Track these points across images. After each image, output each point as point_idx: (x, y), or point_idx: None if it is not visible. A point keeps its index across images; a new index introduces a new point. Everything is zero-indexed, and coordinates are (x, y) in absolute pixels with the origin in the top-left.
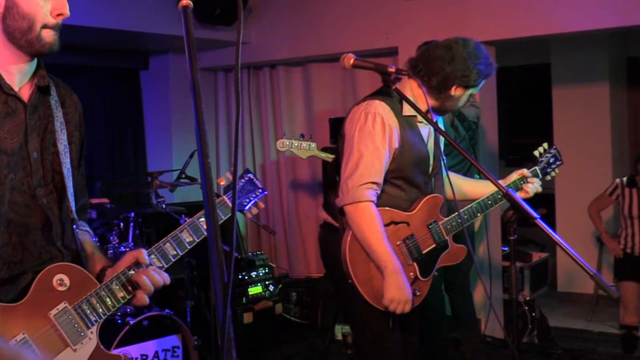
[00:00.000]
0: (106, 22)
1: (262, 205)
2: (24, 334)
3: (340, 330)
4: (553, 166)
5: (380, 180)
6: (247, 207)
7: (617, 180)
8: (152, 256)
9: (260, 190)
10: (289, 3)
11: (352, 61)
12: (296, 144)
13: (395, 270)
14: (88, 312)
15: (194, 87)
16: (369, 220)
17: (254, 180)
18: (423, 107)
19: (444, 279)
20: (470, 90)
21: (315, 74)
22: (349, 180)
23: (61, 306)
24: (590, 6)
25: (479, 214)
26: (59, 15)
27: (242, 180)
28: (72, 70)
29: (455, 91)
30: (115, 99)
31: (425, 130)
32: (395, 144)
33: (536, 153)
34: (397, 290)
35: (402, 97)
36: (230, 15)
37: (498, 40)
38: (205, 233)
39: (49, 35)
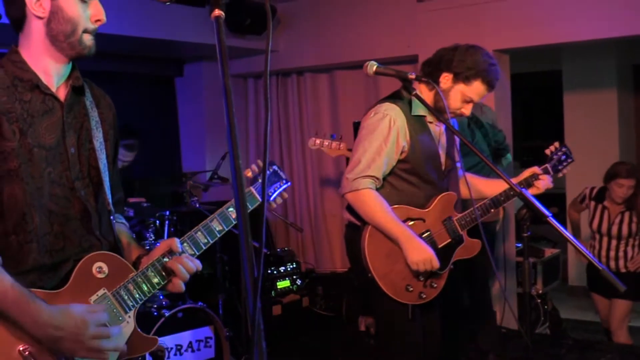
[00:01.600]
0: (144, 31)
1: (285, 195)
2: None
3: (363, 322)
4: (564, 164)
5: (379, 175)
6: (272, 198)
7: (587, 190)
8: (185, 244)
9: (284, 181)
10: (315, 14)
11: (374, 68)
12: (327, 143)
13: (408, 236)
14: (126, 297)
15: (225, 93)
16: (370, 202)
17: (278, 171)
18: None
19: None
20: (461, 87)
21: (340, 80)
22: (350, 173)
23: (100, 292)
24: (599, 16)
25: (492, 210)
26: (97, 21)
27: (268, 172)
28: (112, 76)
29: (444, 80)
30: (152, 104)
31: (437, 129)
32: (402, 142)
33: (547, 151)
34: (416, 252)
35: (421, 101)
36: (260, 25)
37: (512, 49)
38: (234, 222)
39: (88, 39)
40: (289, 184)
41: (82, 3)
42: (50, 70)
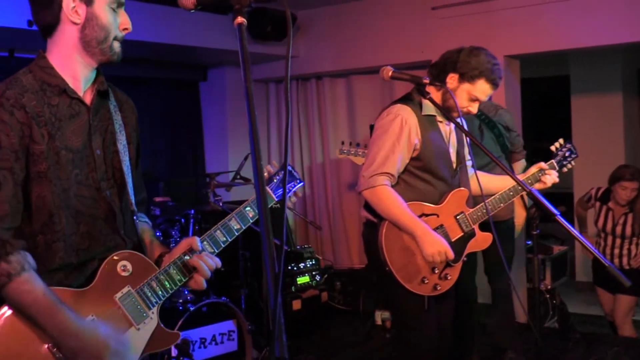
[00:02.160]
0: (169, 38)
1: (299, 194)
2: (92, 315)
3: (380, 316)
4: (569, 159)
5: (394, 171)
6: (287, 196)
7: (593, 190)
8: (205, 242)
9: (298, 181)
10: (333, 21)
11: (390, 73)
12: (353, 152)
13: (423, 230)
14: (149, 294)
15: (247, 97)
16: (386, 198)
17: (292, 171)
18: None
19: (484, 265)
20: (467, 86)
21: (357, 85)
22: (366, 171)
23: (125, 290)
24: (606, 24)
25: (501, 204)
26: (124, 29)
27: (282, 172)
28: (140, 81)
29: (450, 80)
30: (177, 107)
31: (447, 129)
32: (415, 140)
33: (552, 148)
34: (431, 244)
35: (434, 104)
36: (280, 32)
37: (522, 55)
38: (251, 221)
39: (117, 46)
40: (302, 183)
41: (113, 12)
42: (79, 75)
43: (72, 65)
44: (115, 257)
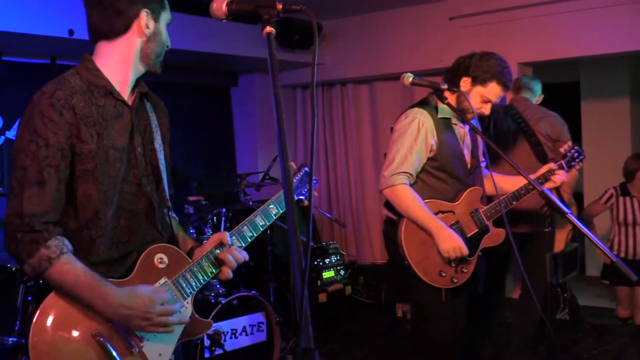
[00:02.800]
0: (203, 46)
1: (316, 193)
2: None
3: (400, 309)
4: (577, 160)
5: (412, 171)
6: (305, 196)
7: (612, 189)
8: (233, 237)
9: (314, 181)
10: (357, 30)
11: (410, 79)
12: None
13: (438, 227)
14: (184, 285)
15: (276, 101)
16: (405, 197)
17: (309, 171)
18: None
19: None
20: (479, 89)
21: (379, 90)
22: (386, 171)
23: (162, 281)
24: (614, 33)
25: (514, 202)
26: (167, 46)
27: (300, 173)
28: (175, 86)
29: (463, 84)
30: (210, 111)
31: (461, 131)
32: (431, 141)
33: (562, 150)
34: (446, 241)
35: (452, 108)
36: (307, 41)
37: (535, 62)
38: (274, 217)
39: (162, 60)
40: (317, 183)
41: (166, 29)
42: (129, 79)
43: (126, 70)
44: (152, 250)
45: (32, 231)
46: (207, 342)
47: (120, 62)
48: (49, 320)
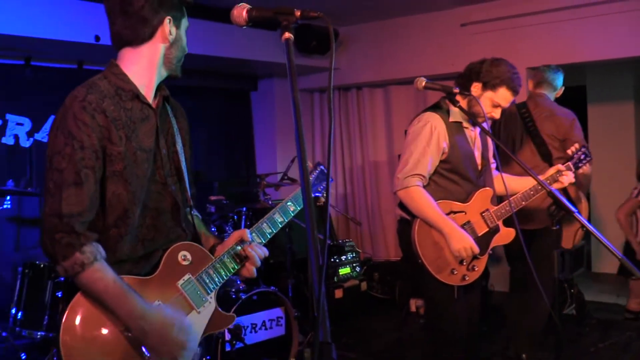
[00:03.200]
0: (224, 51)
1: (330, 190)
2: (158, 301)
3: (414, 304)
4: (584, 161)
5: (425, 173)
6: (320, 194)
7: (636, 190)
8: (254, 234)
9: (330, 179)
10: (372, 37)
11: (423, 84)
12: None
13: (451, 228)
14: (207, 281)
15: (294, 105)
16: (418, 198)
17: (325, 170)
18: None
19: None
20: (489, 94)
21: (393, 94)
22: (400, 173)
23: (186, 277)
24: (619, 38)
25: (523, 202)
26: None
27: (316, 171)
28: (197, 90)
29: (474, 89)
30: (231, 114)
31: (472, 134)
32: (443, 144)
33: (569, 151)
34: (458, 241)
35: (464, 111)
36: (324, 47)
37: (535, 68)
38: (292, 214)
39: (181, 64)
40: (332, 181)
41: (185, 35)
42: (153, 84)
43: (150, 75)
44: (177, 247)
45: (71, 232)
46: (227, 336)
47: (145, 67)
48: (79, 318)
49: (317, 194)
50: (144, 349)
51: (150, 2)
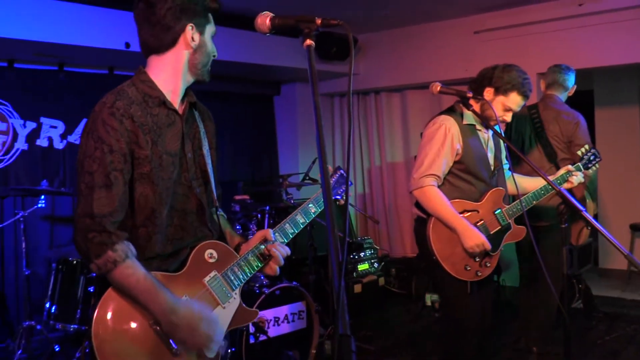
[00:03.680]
0: (249, 58)
1: (350, 193)
2: (185, 296)
3: (429, 298)
4: (593, 162)
5: (440, 173)
6: (341, 196)
7: None
8: (277, 234)
9: (349, 182)
10: (390, 43)
11: (438, 88)
12: None
13: (463, 226)
14: (232, 277)
15: (315, 109)
16: (433, 198)
17: (344, 174)
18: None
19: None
20: (501, 98)
21: (410, 98)
22: (416, 173)
23: (212, 274)
24: (626, 45)
25: (534, 201)
26: (214, 56)
27: (336, 175)
28: (223, 95)
29: (487, 94)
30: (255, 118)
31: (485, 136)
32: (457, 146)
33: (579, 153)
34: (470, 239)
35: (477, 115)
36: (344, 53)
37: (549, 69)
38: (313, 215)
39: (209, 69)
40: (350, 184)
41: (212, 41)
42: (179, 89)
43: (176, 81)
44: (203, 246)
45: (102, 231)
46: (252, 329)
47: (170, 74)
48: (110, 312)
49: (337, 197)
50: (172, 342)
51: (173, 10)
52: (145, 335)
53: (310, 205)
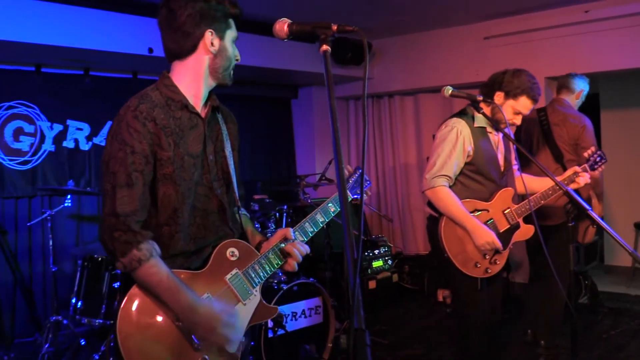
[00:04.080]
0: (267, 62)
1: (369, 193)
2: (207, 294)
3: (441, 294)
4: (599, 163)
5: (451, 174)
6: (359, 196)
7: None
8: (297, 232)
9: (367, 182)
10: (403, 49)
11: (450, 92)
12: None
13: (474, 225)
14: (253, 275)
15: (331, 112)
16: (444, 197)
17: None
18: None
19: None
20: (511, 102)
21: (422, 102)
22: (428, 173)
23: (233, 272)
24: (630, 50)
25: (542, 201)
26: (237, 60)
27: (356, 175)
28: (243, 98)
29: (497, 98)
30: (273, 120)
31: (495, 138)
32: (468, 148)
33: (585, 154)
34: (481, 237)
35: (487, 117)
36: (358, 58)
37: (559, 76)
38: (332, 214)
39: (232, 73)
40: (370, 184)
41: (233, 45)
42: (201, 93)
43: (198, 85)
44: (225, 244)
45: (128, 230)
46: (270, 324)
47: (192, 79)
48: (135, 307)
49: (355, 196)
50: (193, 338)
51: (192, 16)
52: (168, 330)
53: (329, 205)
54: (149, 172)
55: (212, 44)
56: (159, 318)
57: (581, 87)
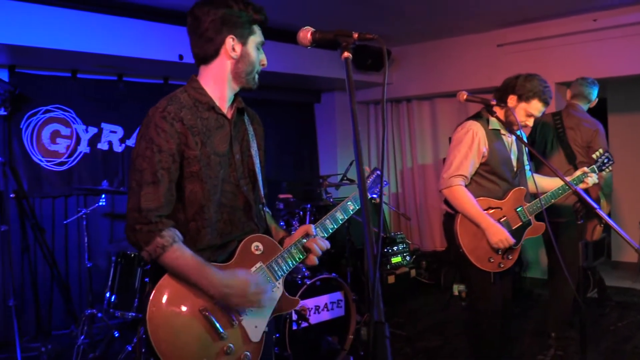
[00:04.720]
0: (292, 68)
1: (385, 193)
2: None
3: (457, 288)
4: (607, 164)
5: (467, 174)
6: (377, 195)
7: None
8: (318, 229)
9: (385, 182)
10: (420, 55)
11: (465, 96)
12: None
13: (488, 222)
14: (276, 268)
15: (352, 115)
16: (461, 196)
17: (380, 174)
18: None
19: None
20: (523, 105)
21: (439, 106)
22: (445, 173)
23: (258, 265)
24: (637, 56)
25: (552, 200)
26: (262, 64)
27: (374, 175)
28: (268, 103)
29: (510, 101)
30: (297, 123)
31: (509, 140)
32: (483, 149)
33: (594, 156)
34: (495, 235)
35: (500, 121)
36: (378, 64)
37: (569, 81)
38: (352, 212)
39: (257, 77)
40: (387, 184)
41: (257, 50)
42: (226, 96)
43: (222, 88)
44: (250, 239)
45: (148, 223)
46: (294, 317)
47: (217, 82)
48: (164, 297)
49: (373, 196)
50: (219, 327)
51: (214, 23)
52: (196, 320)
53: (349, 203)
54: (175, 170)
55: (233, 49)
56: (187, 307)
57: (595, 96)
